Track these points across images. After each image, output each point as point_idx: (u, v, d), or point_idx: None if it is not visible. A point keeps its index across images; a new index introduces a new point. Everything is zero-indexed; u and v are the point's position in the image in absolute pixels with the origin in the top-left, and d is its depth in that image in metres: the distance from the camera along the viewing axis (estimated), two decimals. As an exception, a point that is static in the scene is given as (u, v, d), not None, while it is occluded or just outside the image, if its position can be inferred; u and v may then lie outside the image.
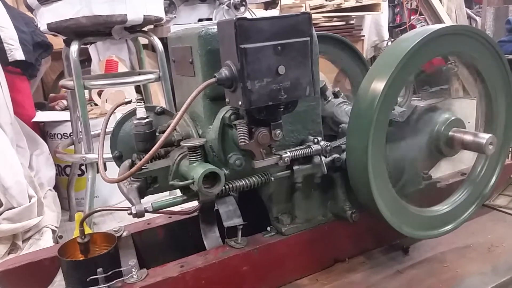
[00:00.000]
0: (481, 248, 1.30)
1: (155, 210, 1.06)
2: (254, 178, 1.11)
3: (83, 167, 2.81)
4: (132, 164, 1.15)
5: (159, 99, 3.26)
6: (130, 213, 1.01)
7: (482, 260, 1.25)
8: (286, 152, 1.09)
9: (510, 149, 1.45)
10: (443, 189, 1.41)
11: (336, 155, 1.20)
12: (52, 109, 3.30)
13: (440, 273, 1.20)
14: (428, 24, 5.91)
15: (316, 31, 1.15)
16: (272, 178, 1.13)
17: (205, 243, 1.22)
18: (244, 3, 3.43)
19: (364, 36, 5.10)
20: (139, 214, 1.01)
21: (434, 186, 1.36)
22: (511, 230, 1.40)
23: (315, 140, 1.16)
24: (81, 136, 2.52)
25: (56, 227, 2.38)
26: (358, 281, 1.20)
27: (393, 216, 1.14)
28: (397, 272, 1.22)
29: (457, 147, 1.20)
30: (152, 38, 2.49)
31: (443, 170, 1.42)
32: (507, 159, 1.40)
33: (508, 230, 1.40)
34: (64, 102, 3.25)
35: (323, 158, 1.15)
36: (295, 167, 1.15)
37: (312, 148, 1.13)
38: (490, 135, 1.14)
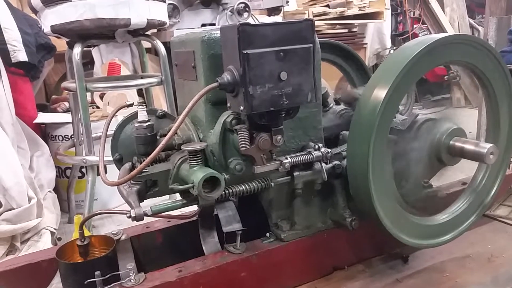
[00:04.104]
0: (481, 258, 1.30)
1: (154, 214, 1.06)
2: (254, 184, 1.10)
3: (83, 170, 2.81)
4: (132, 167, 1.15)
5: (161, 103, 3.27)
6: (129, 217, 1.01)
7: (482, 271, 1.24)
8: (286, 158, 1.09)
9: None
10: (443, 198, 1.41)
11: (337, 162, 1.19)
12: (54, 111, 3.30)
13: (440, 283, 1.19)
14: (430, 33, 5.93)
15: (318, 38, 1.15)
16: (272, 184, 1.12)
17: (203, 248, 1.22)
18: (247, 9, 3.44)
19: (366, 44, 5.11)
20: (138, 218, 1.01)
21: (434, 195, 1.35)
22: (511, 241, 1.39)
23: (316, 147, 1.16)
24: (82, 139, 2.52)
25: (55, 229, 2.38)
26: (357, 289, 1.19)
27: (393, 225, 1.14)
28: (396, 281, 1.21)
29: (458, 156, 1.20)
30: (155, 42, 2.50)
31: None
32: (508, 169, 1.39)
33: (508, 241, 1.39)
34: (66, 104, 3.25)
35: (323, 164, 1.15)
36: (295, 173, 1.14)
37: (312, 155, 1.13)
38: (491, 145, 1.13)
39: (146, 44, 2.82)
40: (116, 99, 3.06)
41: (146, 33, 2.54)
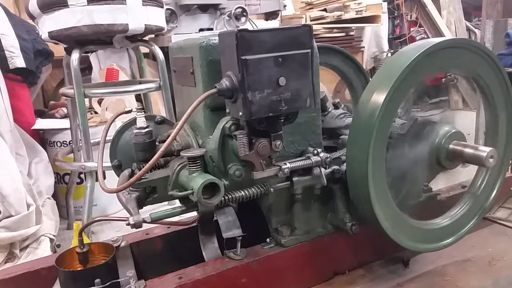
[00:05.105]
0: (482, 262, 1.30)
1: (153, 221, 1.05)
2: (253, 189, 1.10)
3: (82, 176, 2.81)
4: (132, 173, 1.14)
5: (160, 108, 3.27)
6: (128, 224, 1.00)
7: (483, 274, 1.24)
8: (285, 164, 1.09)
9: (511, 162, 1.45)
10: (443, 202, 1.40)
11: (336, 167, 1.19)
12: (52, 116, 3.29)
13: (441, 287, 1.19)
14: (427, 36, 5.95)
15: (316, 42, 1.15)
16: (272, 189, 1.12)
17: (204, 254, 1.21)
18: (245, 13, 3.45)
19: (364, 47, 5.12)
20: (137, 225, 1.00)
21: (434, 198, 1.35)
22: (512, 244, 1.39)
23: (315, 152, 1.15)
24: (80, 144, 2.51)
25: (54, 235, 2.37)
26: (358, 294, 1.19)
27: (393, 229, 1.14)
28: (397, 285, 1.21)
29: (457, 160, 1.20)
30: (153, 47, 2.50)
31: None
32: (508, 171, 1.39)
33: (509, 244, 1.39)
34: (64, 110, 3.25)
35: (322, 169, 1.15)
36: (294, 179, 1.14)
37: (311, 160, 1.13)
38: (490, 148, 1.13)
39: (144, 49, 2.82)
40: (115, 104, 3.06)
41: (144, 38, 2.54)
